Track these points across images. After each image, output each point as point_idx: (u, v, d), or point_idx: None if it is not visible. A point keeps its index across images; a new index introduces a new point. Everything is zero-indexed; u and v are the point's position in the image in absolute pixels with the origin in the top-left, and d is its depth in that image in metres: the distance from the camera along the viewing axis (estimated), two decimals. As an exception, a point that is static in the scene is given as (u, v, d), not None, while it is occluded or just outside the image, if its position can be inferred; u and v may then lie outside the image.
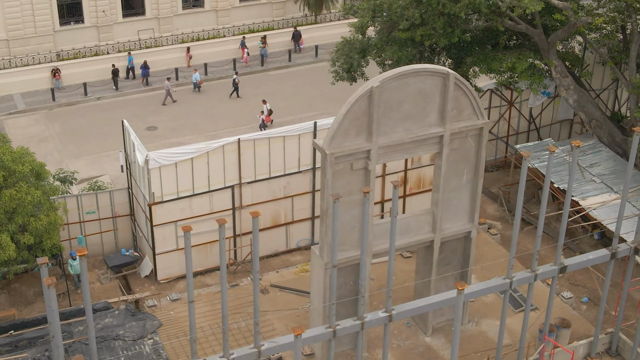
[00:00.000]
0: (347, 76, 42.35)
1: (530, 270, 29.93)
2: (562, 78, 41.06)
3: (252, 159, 35.82)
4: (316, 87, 55.20)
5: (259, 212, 24.60)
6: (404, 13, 37.84)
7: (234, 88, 54.19)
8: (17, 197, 30.99)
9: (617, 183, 39.06)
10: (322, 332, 27.19)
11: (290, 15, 62.23)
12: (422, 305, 28.35)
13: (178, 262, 36.47)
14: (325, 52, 59.09)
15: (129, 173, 37.03)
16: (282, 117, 50.95)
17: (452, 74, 28.57)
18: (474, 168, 31.03)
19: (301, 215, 38.13)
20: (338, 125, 27.83)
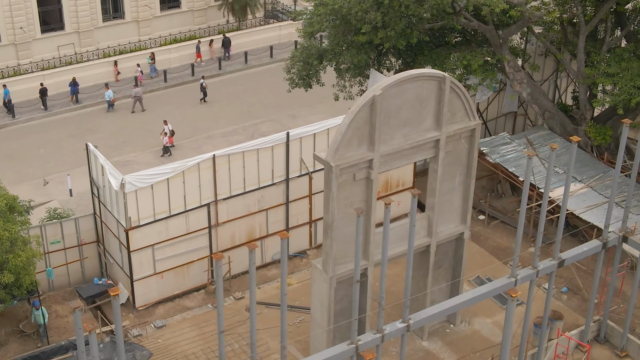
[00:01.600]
0: (302, 82, 41.81)
1: (531, 267, 30.14)
2: (515, 72, 41.65)
3: (227, 175, 34.82)
4: (251, 94, 54.32)
5: (287, 234, 23.69)
6: (365, 17, 37.51)
7: (203, 93, 52.99)
8: (-2, 236, 29.10)
9: (580, 172, 39.91)
10: (345, 349, 26.61)
11: (215, 23, 60.97)
12: (439, 311, 28.17)
13: (156, 287, 35.14)
14: (254, 58, 58.22)
15: (96, 198, 35.30)
16: (223, 127, 49.88)
17: (447, 77, 28.45)
18: (465, 169, 31.04)
19: (275, 227, 37.34)
20: (342, 136, 27.27)
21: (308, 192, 37.46)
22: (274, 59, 58.46)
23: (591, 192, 38.82)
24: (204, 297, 36.06)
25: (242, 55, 58.02)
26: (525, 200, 28.50)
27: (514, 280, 29.63)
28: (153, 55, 54.82)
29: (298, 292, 35.90)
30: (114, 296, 21.17)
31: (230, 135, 48.92)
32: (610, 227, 33.07)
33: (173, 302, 35.72)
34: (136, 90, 52.04)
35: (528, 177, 28.02)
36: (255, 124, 50.27)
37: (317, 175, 37.20)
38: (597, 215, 37.32)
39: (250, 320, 24.51)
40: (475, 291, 29.29)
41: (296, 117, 51.19)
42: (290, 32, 60.84)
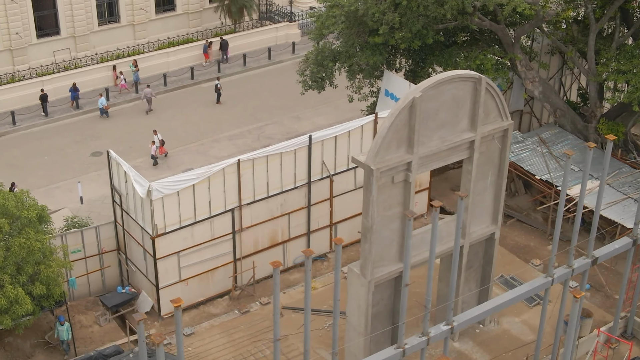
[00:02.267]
0: (315, 85, 41.63)
1: (566, 265, 30.23)
2: (527, 71, 41.80)
3: (251, 179, 34.54)
4: (253, 96, 53.99)
5: (342, 239, 23.51)
6: (382, 18, 37.41)
7: (217, 94, 52.71)
8: (26, 246, 28.56)
9: (595, 170, 40.09)
10: (393, 354, 26.51)
11: (213, 25, 60.42)
12: (482, 312, 28.17)
13: (181, 294, 34.62)
14: (253, 60, 57.87)
15: (118, 206, 34.80)
16: (228, 131, 49.49)
17: (483, 78, 28.42)
18: (497, 169, 31.03)
19: (297, 231, 37.13)
20: (382, 139, 27.11)
21: (329, 195, 37.25)
22: (272, 60, 58.18)
23: (608, 189, 39.01)
24: (229, 303, 35.74)
25: (240, 57, 57.63)
26: (562, 202, 28.58)
27: (551, 279, 29.73)
28: (136, 63, 53.93)
29: (323, 296, 35.69)
30: (177, 307, 20.78)
31: (236, 138, 48.59)
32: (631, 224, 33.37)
33: (198, 309, 35.37)
34: (147, 91, 51.70)
35: (566, 180, 28.09)
36: (260, 127, 49.96)
37: (337, 177, 37.08)
38: (617, 212, 37.58)
39: (304, 332, 24.25)
40: (515, 291, 29.33)
41: (300, 118, 50.98)
42: (287, 34, 60.58)
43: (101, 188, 43.67)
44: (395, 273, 29.87)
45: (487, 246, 32.71)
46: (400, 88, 40.37)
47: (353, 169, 37.41)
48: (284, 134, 49.11)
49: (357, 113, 50.98)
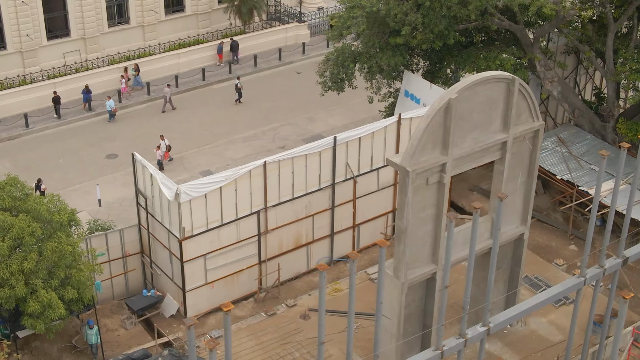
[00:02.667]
0: (335, 86, 41.56)
1: (598, 265, 30.21)
2: (547, 71, 41.80)
3: (277, 181, 34.43)
4: (266, 97, 53.84)
5: (386, 242, 23.40)
6: (405, 19, 37.36)
7: (238, 94, 52.75)
8: (58, 250, 28.39)
9: (616, 170, 40.02)
10: (431, 356, 26.40)
11: (222, 26, 60.24)
12: (517, 312, 28.11)
13: (207, 297, 34.63)
14: (263, 61, 57.73)
15: (143, 209, 34.61)
16: (242, 132, 49.32)
17: (516, 79, 28.38)
18: (527, 170, 31.00)
19: (321, 233, 37.05)
20: (418, 141, 27.04)
21: (352, 197, 37.17)
22: (283, 61, 58.07)
23: (629, 189, 38.98)
24: (254, 305, 35.63)
25: (251, 58, 57.48)
26: (596, 206, 28.56)
27: (583, 279, 29.71)
28: (137, 67, 53.48)
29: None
30: (226, 311, 20.64)
31: (251, 140, 48.47)
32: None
33: (221, 313, 35.20)
34: (166, 90, 51.68)
35: (600, 180, 28.08)
36: (275, 128, 49.85)
37: (361, 179, 36.99)
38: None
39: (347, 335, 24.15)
40: (550, 291, 29.19)
41: (314, 119, 50.89)
42: (297, 35, 60.46)
43: (118, 190, 43.52)
44: (428, 274, 29.84)
45: (515, 247, 32.69)
46: (420, 89, 40.35)
47: (376, 170, 37.35)
48: (299, 134, 49.04)
49: (370, 114, 51.10)
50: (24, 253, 27.82)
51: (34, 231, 27.87)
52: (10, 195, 28.92)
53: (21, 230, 27.53)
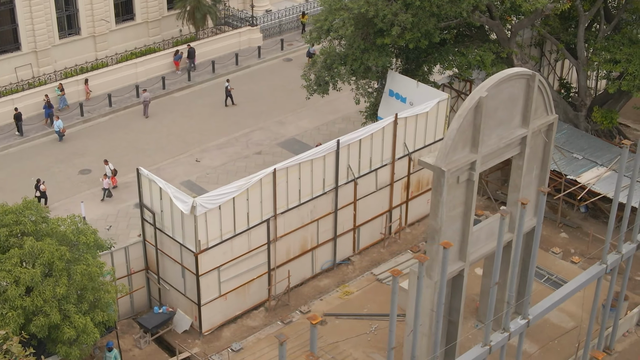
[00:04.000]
0: (320, 89, 41.49)
1: (616, 251, 31.16)
2: (524, 64, 42.69)
3: (285, 188, 34.19)
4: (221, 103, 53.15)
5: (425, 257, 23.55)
6: (394, 19, 37.59)
7: (227, 95, 52.20)
8: (87, 272, 27.54)
9: (598, 156, 41.35)
10: (481, 352, 26.78)
11: (173, 33, 59.25)
12: (552, 303, 28.76)
13: (220, 310, 34.17)
14: (220, 67, 57.00)
15: (150, 224, 33.81)
16: (214, 140, 48.58)
17: (537, 74, 28.92)
18: (541, 163, 31.61)
19: (325, 237, 37.01)
20: (452, 141, 27.27)
21: (353, 198, 37.22)
22: (240, 66, 57.48)
23: (615, 175, 40.17)
24: (265, 314, 35.32)
25: (208, 65, 56.73)
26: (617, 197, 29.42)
27: (605, 266, 30.63)
28: (62, 87, 51.33)
29: (361, 300, 35.66)
30: (314, 324, 20.45)
31: (224, 147, 47.89)
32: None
33: (236, 323, 34.82)
34: (145, 95, 50.94)
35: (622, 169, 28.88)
36: (246, 134, 49.37)
37: (361, 180, 37.08)
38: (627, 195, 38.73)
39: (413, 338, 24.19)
40: (577, 280, 30.17)
41: (284, 123, 50.62)
42: (250, 39, 59.96)
43: (100, 207, 42.39)
44: (456, 272, 30.11)
45: (528, 239, 33.25)
46: (406, 88, 40.65)
47: (374, 170, 37.47)
48: (272, 139, 48.72)
49: (338, 115, 51.30)
50: (55, 278, 26.83)
51: (62, 255, 26.93)
52: (30, 219, 27.83)
53: (51, 255, 26.56)
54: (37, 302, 26.20)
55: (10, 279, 26.03)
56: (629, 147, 29.68)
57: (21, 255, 26.53)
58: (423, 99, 39.56)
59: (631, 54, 40.83)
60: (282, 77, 56.43)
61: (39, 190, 41.32)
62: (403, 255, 38.41)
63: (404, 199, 39.74)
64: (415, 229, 40.88)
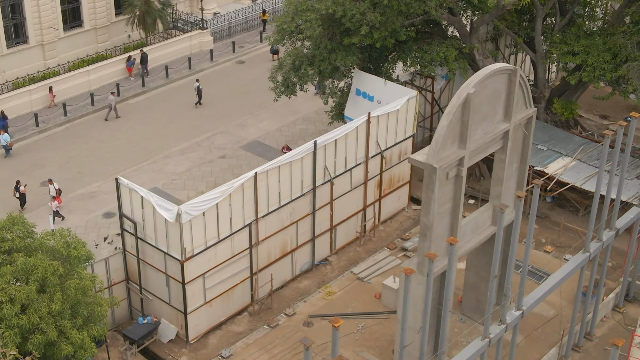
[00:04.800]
0: (287, 90, 41.41)
1: (597, 239, 31.95)
2: (485, 59, 43.39)
3: (266, 191, 34.09)
4: (188, 108, 52.59)
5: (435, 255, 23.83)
6: (362, 19, 37.77)
7: (198, 96, 52.09)
8: (80, 286, 27.04)
9: (562, 147, 42.24)
10: (481, 345, 27.18)
11: (122, 39, 58.37)
12: (543, 293, 29.39)
13: (206, 317, 33.87)
14: (174, 71, 56.39)
15: (131, 234, 33.31)
16: (176, 145, 48.02)
17: (518, 69, 29.40)
18: (521, 156, 32.15)
19: (303, 238, 37.01)
20: (443, 138, 27.58)
21: (330, 199, 37.30)
22: (193, 70, 56.96)
23: (580, 164, 41.22)
24: (249, 319, 35.15)
25: (161, 70, 56.05)
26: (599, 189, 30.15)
27: (589, 254, 31.38)
28: None
29: (345, 300, 35.77)
30: (336, 327, 20.44)
31: (187, 152, 47.43)
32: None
33: (221, 330, 34.58)
34: (110, 98, 50.49)
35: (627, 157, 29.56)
36: (208, 138, 48.98)
37: (337, 180, 37.20)
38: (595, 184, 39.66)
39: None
40: (564, 268, 30.84)
41: (245, 126, 50.37)
42: (201, 42, 59.47)
43: (66, 219, 41.47)
44: (445, 267, 30.42)
45: (509, 231, 33.77)
46: (373, 86, 40.89)
47: (349, 170, 37.61)
48: (235, 142, 48.44)
49: (297, 116, 51.30)
50: (49, 294, 26.25)
51: (55, 270, 26.36)
52: (18, 235, 27.18)
53: (44, 271, 25.98)
54: (33, 320, 25.59)
55: (5, 297, 25.35)
56: (609, 137, 30.34)
57: (14, 272, 25.86)
58: (391, 97, 39.86)
59: (588, 46, 41.76)
60: (237, 79, 56.15)
61: (19, 191, 40.82)
62: (380, 253, 38.63)
63: (377, 197, 39.95)
64: (389, 226, 41.15)
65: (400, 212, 42.02)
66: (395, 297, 35.05)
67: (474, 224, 31.33)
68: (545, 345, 33.45)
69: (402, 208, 42.06)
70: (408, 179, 41.61)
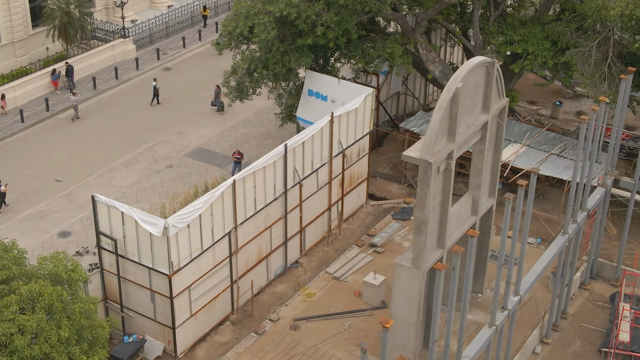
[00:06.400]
0: (241, 95, 41.15)
1: (573, 221, 33.16)
2: (428, 53, 44.27)
3: (243, 199, 33.84)
4: (123, 119, 51.26)
5: (476, 232, 24.31)
6: (317, 19, 37.93)
7: (155, 95, 51.84)
8: (85, 310, 26.28)
9: (508, 134, 43.49)
10: (490, 333, 27.85)
11: (41, 52, 56.49)
12: (534, 278, 30.36)
13: (192, 330, 33.38)
14: (100, 82, 54.93)
15: (110, 252, 32.43)
16: (118, 158, 46.83)
17: (495, 61, 30.20)
18: (494, 145, 32.99)
19: (276, 243, 36.89)
20: (435, 133, 28.08)
21: (299, 200, 37.32)
22: (120, 79, 55.67)
23: (530, 150, 42.59)
24: (233, 328, 34.82)
25: (88, 81, 54.45)
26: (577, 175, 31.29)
27: (568, 235, 32.55)
28: None
29: (326, 300, 35.85)
30: (387, 327, 20.64)
31: (132, 164, 46.40)
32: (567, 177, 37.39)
33: (207, 341, 34.15)
34: (73, 99, 50.15)
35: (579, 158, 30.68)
36: (150, 148, 48.03)
37: (305, 182, 37.26)
38: (549, 168, 41.17)
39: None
40: (549, 251, 31.80)
41: (185, 133, 49.66)
42: (124, 51, 58.13)
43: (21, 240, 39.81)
44: (437, 260, 30.98)
45: (484, 219, 34.65)
46: (327, 86, 41.12)
47: (315, 171, 37.72)
48: (179, 150, 47.72)
49: (235, 121, 50.92)
50: (55, 321, 25.36)
51: (59, 295, 25.49)
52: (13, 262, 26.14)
53: (50, 297, 25.07)
54: (44, 349, 24.64)
55: (15, 329, 24.33)
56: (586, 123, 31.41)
57: (19, 301, 24.84)
58: (345, 96, 40.17)
59: (526, 34, 43.11)
60: (167, 87, 55.14)
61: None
62: (351, 251, 38.87)
63: (340, 195, 40.19)
64: (351, 223, 41.46)
65: (360, 208, 42.41)
66: (376, 293, 35.41)
67: (458, 215, 31.98)
68: (527, 328, 34.44)
69: (361, 205, 42.44)
70: (366, 176, 41.98)
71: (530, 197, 28.77)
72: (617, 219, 40.67)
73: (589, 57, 39.64)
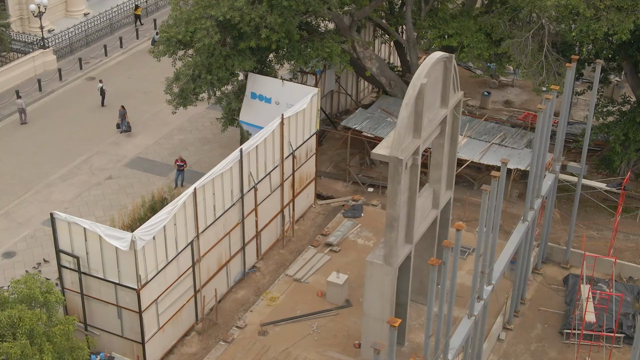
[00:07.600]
0: (183, 101, 40.61)
1: (530, 208, 33.97)
2: (365, 50, 44.61)
3: (204, 206, 33.41)
4: (53, 132, 49.74)
5: (462, 225, 24.65)
6: (261, 22, 37.73)
7: (102, 96, 51.87)
8: (65, 332, 25.53)
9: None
10: (470, 324, 28.31)
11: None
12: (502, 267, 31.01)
13: (160, 343, 32.80)
14: (24, 96, 53.06)
15: (73, 270, 31.50)
16: (55, 173, 45.46)
17: (452, 56, 30.66)
18: (451, 139, 33.48)
19: (235, 248, 36.55)
20: (404, 130, 28.35)
21: (254, 205, 37.07)
22: (44, 92, 54.04)
23: (471, 141, 43.38)
24: (199, 338, 34.34)
25: (10, 95, 52.53)
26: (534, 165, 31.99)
27: (528, 222, 33.34)
28: None
29: (290, 303, 35.69)
30: (393, 327, 20.71)
31: (70, 178, 45.14)
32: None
33: (174, 354, 33.59)
34: (18, 102, 49.91)
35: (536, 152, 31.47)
36: (85, 160, 46.79)
37: (260, 185, 37.02)
38: (492, 158, 42.01)
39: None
40: (513, 240, 32.50)
41: (119, 143, 48.61)
42: (44, 62, 56.43)
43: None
44: (405, 255, 31.29)
45: (443, 211, 35.11)
46: (270, 88, 40.92)
47: (269, 174, 37.52)
48: (117, 161, 46.68)
49: (171, 127, 50.16)
50: (37, 345, 24.51)
51: (39, 319, 24.67)
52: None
53: (31, 322, 24.23)
54: (30, 377, 23.82)
55: (-1, 357, 23.45)
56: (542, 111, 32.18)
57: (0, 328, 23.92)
58: (289, 97, 40.08)
59: (460, 28, 43.92)
60: (93, 97, 53.76)
61: None
62: (307, 252, 38.79)
63: (291, 197, 40.11)
64: (303, 224, 41.42)
65: (310, 209, 42.39)
66: (340, 292, 35.48)
67: (422, 210, 32.33)
68: (490, 316, 35.00)
69: (310, 205, 42.44)
70: (314, 176, 41.99)
71: (501, 188, 29.26)
72: (560, 203, 41.78)
73: (525, 48, 40.62)
